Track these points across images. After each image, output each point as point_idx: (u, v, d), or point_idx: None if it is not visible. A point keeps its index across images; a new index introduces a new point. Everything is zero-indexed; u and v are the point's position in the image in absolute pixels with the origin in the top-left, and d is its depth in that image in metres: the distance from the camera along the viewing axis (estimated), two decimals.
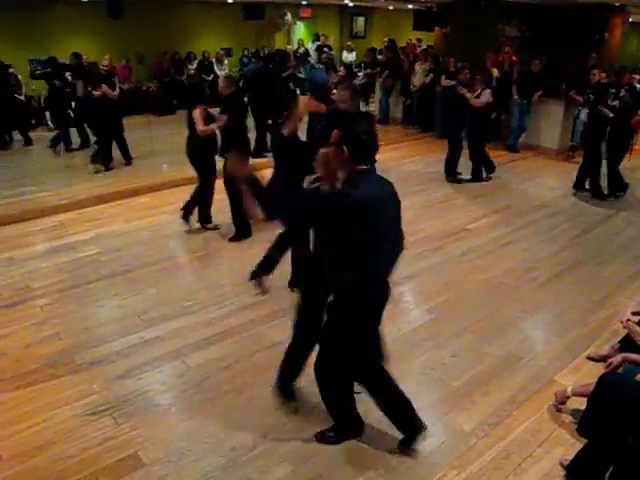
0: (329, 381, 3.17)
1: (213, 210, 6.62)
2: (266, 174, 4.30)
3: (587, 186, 8.05)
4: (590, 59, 10.41)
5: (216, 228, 6.58)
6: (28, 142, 10.67)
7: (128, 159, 9.27)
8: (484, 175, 8.73)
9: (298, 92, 12.09)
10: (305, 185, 3.42)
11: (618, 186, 7.91)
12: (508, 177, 8.95)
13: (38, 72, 10.65)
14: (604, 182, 7.90)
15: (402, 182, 7.59)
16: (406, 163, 9.76)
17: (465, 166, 8.69)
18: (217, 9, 15.59)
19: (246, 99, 8.73)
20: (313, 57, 16.48)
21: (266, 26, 16.62)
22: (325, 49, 13.19)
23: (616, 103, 7.69)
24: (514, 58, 10.74)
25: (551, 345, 4.45)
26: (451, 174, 8.60)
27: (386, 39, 14.09)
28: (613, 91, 8.12)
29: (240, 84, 10.19)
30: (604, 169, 7.88)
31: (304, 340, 3.42)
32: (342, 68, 13.96)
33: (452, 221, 7.00)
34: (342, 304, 2.93)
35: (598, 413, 2.99)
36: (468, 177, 8.68)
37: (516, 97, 10.07)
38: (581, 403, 3.37)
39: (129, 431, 3.45)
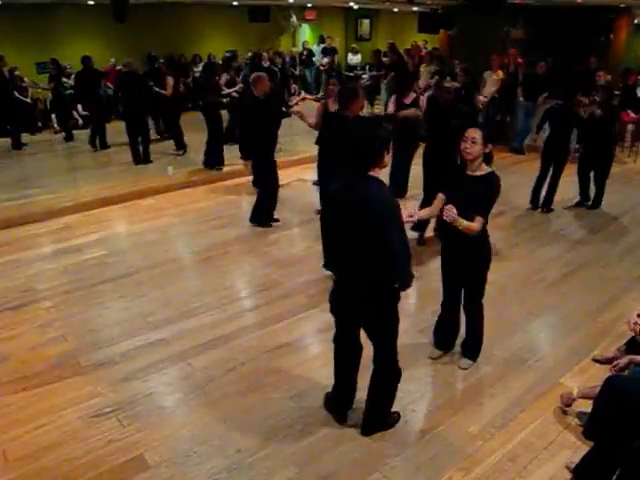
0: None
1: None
2: None
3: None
4: (590, 63, 10.39)
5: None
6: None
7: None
8: None
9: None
10: None
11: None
12: (513, 179, 8.91)
13: None
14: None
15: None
16: (412, 164, 9.73)
17: None
18: (223, 12, 15.64)
19: None
20: (318, 59, 16.53)
21: (271, 29, 16.66)
22: (325, 59, 13.02)
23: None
24: (519, 60, 10.72)
25: (557, 347, 4.43)
26: None
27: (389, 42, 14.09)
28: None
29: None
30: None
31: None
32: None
33: None
34: None
35: (604, 416, 2.98)
36: None
37: (521, 99, 10.05)
38: (587, 405, 3.36)
39: (134, 433, 3.46)
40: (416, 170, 7.08)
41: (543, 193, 7.44)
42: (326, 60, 12.65)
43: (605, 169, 7.40)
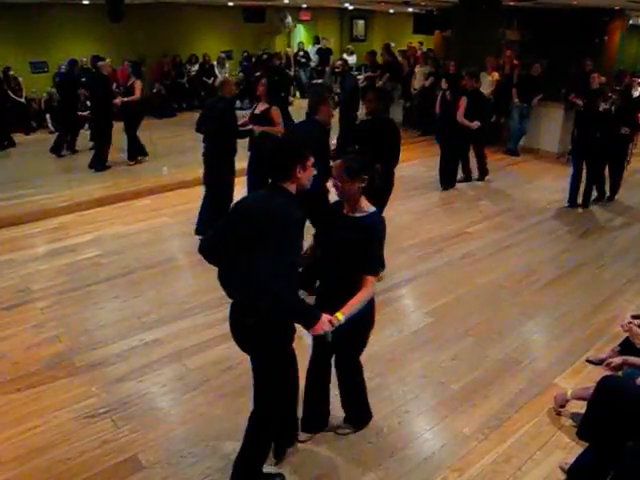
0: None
1: None
2: None
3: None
4: (586, 66, 10.42)
5: None
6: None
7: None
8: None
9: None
10: None
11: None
12: (508, 180, 8.96)
13: None
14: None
15: (401, 185, 7.63)
16: (405, 166, 9.73)
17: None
18: (218, 12, 15.60)
19: None
20: (314, 60, 16.52)
21: (266, 29, 16.64)
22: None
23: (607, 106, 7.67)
24: (515, 62, 10.74)
25: (551, 348, 4.45)
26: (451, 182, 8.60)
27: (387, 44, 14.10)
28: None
29: None
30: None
31: None
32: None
33: (452, 224, 7.01)
34: None
35: (598, 416, 2.99)
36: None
37: (516, 100, 10.07)
38: (581, 406, 3.37)
39: (129, 434, 3.45)
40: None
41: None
42: (339, 62, 12.63)
43: (622, 163, 7.86)
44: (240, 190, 5.89)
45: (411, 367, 4.10)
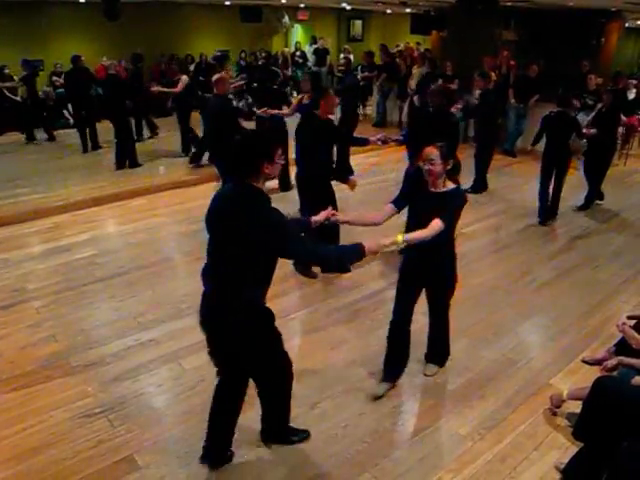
0: None
1: None
2: None
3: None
4: (583, 66, 10.45)
5: None
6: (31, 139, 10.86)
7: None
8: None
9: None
10: None
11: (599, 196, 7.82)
12: (505, 181, 8.96)
13: None
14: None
15: (397, 186, 7.64)
16: (402, 167, 9.73)
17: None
18: (215, 11, 15.62)
19: None
20: (311, 60, 16.54)
21: (263, 29, 16.64)
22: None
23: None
24: (512, 62, 10.76)
25: (546, 349, 4.46)
26: None
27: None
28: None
29: None
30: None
31: None
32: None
33: None
34: None
35: (593, 417, 2.99)
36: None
37: (513, 101, 10.09)
38: (576, 407, 3.39)
39: (124, 433, 3.44)
40: None
41: None
42: (343, 60, 12.64)
43: (603, 171, 7.52)
44: None
45: (407, 367, 4.10)
